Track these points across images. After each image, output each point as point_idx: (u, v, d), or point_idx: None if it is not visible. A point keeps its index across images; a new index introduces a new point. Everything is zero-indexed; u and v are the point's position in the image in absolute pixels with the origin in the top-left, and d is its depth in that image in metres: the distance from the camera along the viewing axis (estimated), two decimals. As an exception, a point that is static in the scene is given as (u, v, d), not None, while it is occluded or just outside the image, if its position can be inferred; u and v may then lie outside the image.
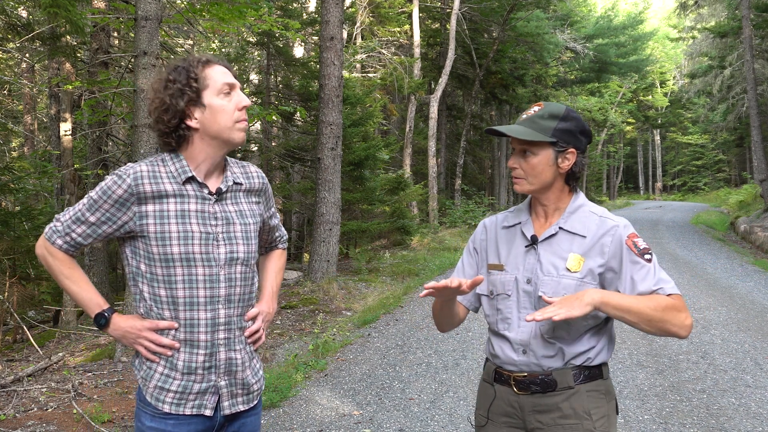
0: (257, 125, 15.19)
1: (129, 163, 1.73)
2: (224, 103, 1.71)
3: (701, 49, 25.15)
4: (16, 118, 17.95)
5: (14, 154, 16.54)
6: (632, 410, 4.23)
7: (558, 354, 1.73)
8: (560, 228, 1.78)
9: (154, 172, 1.69)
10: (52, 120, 12.36)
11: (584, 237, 1.75)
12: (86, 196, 1.72)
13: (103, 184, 1.69)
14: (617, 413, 1.81)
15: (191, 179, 1.71)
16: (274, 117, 9.75)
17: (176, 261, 1.67)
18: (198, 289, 1.69)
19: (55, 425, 3.94)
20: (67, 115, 8.82)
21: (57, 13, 5.60)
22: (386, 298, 8.41)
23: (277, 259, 2.06)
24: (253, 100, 14.26)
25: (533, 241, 1.79)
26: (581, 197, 1.83)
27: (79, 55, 8.99)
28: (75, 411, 4.12)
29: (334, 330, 6.61)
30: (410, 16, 18.87)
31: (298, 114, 11.75)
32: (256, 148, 14.89)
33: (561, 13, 24.05)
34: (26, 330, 5.85)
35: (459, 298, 1.94)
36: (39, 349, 5.67)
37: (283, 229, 2.08)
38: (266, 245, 2.04)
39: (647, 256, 1.72)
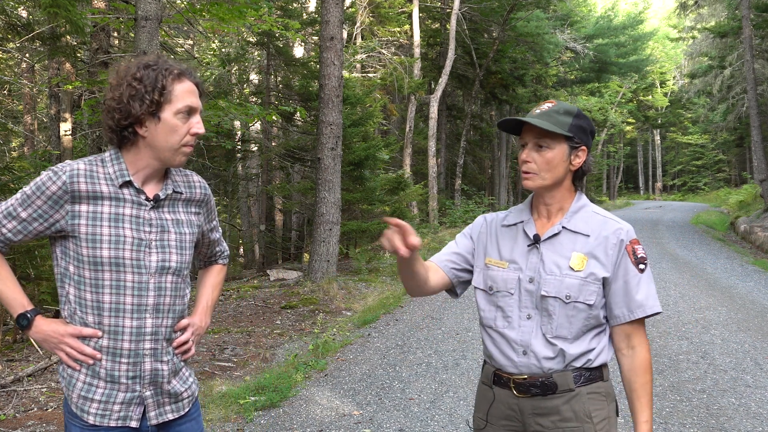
0: (257, 125, 15.19)
1: (67, 161, 1.67)
2: (179, 123, 1.65)
3: (701, 49, 25.15)
4: (16, 118, 17.94)
5: (14, 154, 16.53)
6: (632, 410, 4.22)
7: (559, 355, 1.72)
8: (563, 227, 1.77)
9: (91, 172, 1.64)
10: (52, 120, 12.35)
11: (588, 236, 1.75)
12: (20, 191, 1.66)
13: (38, 179, 1.62)
14: (618, 415, 1.81)
15: (128, 183, 1.66)
16: (274, 117, 9.76)
17: (105, 265, 1.62)
18: (125, 295, 1.63)
19: (55, 425, 3.94)
20: (67, 115, 8.83)
21: (57, 13, 5.60)
22: (386, 298, 8.41)
23: (216, 274, 2.01)
24: (253, 100, 14.27)
25: (536, 241, 1.79)
26: (584, 198, 1.83)
27: (79, 55, 9.00)
28: (75, 411, 4.11)
29: (334, 330, 6.61)
30: (410, 16, 18.87)
31: (298, 114, 11.76)
32: (256, 148, 14.90)
33: (561, 13, 24.05)
34: (26, 330, 5.84)
35: (441, 264, 1.92)
36: (39, 349, 5.67)
37: (224, 244, 2.02)
38: (206, 259, 1.99)
39: (641, 266, 1.73)
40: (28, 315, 1.67)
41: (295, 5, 14.38)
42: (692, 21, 26.15)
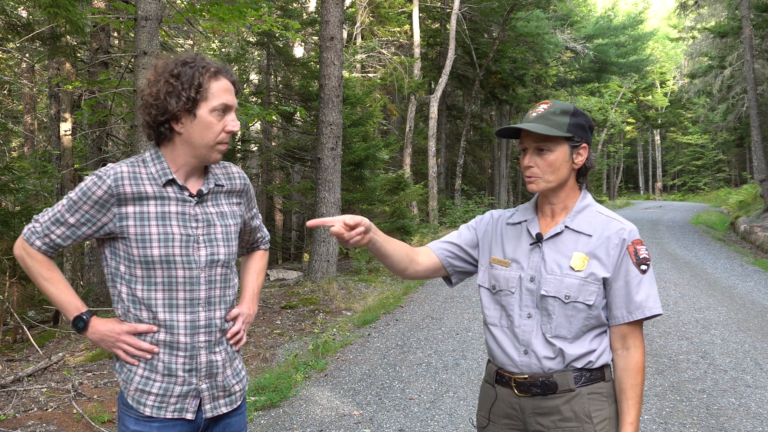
0: (257, 125, 15.18)
1: (109, 164, 1.71)
2: (214, 121, 1.67)
3: (701, 49, 25.15)
4: (16, 118, 17.95)
5: (14, 154, 16.53)
6: (632, 410, 4.22)
7: (558, 355, 1.72)
8: (566, 227, 1.77)
9: (134, 174, 1.67)
10: (52, 120, 12.35)
11: (590, 236, 1.74)
12: (65, 196, 1.68)
13: (82, 184, 1.65)
14: None
15: (171, 181, 1.69)
16: (274, 117, 9.76)
17: (156, 263, 1.65)
18: (178, 291, 1.67)
19: (55, 425, 3.94)
20: (67, 115, 8.82)
21: (57, 13, 5.60)
22: (386, 298, 8.41)
23: (258, 259, 2.04)
24: (253, 100, 14.27)
25: (538, 239, 1.79)
26: (588, 197, 1.82)
27: (79, 55, 9.00)
28: (75, 411, 4.12)
29: (334, 330, 6.61)
30: (410, 16, 18.87)
31: (298, 114, 11.75)
32: (256, 148, 14.90)
33: (561, 13, 24.06)
34: (26, 330, 5.84)
35: (436, 250, 1.90)
36: (39, 349, 5.67)
37: (265, 230, 2.05)
38: (248, 246, 2.01)
39: (643, 267, 1.71)
40: (84, 317, 1.70)
41: (295, 5, 14.37)
42: (692, 21, 26.14)
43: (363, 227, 1.61)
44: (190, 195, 1.71)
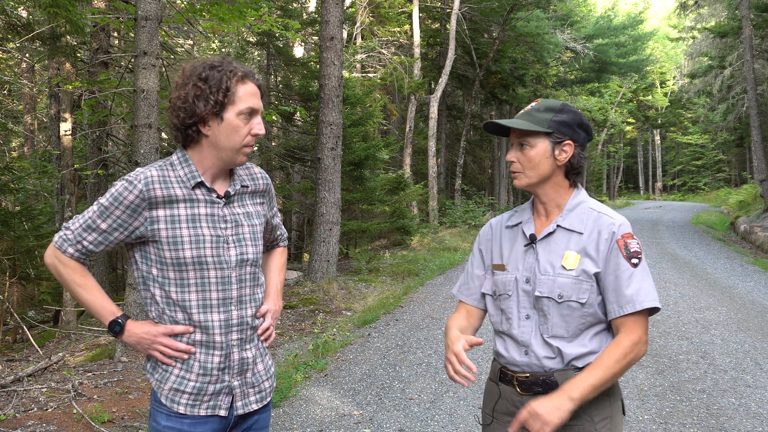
0: (257, 125, 15.14)
1: (138, 168, 1.73)
2: (241, 124, 1.69)
3: (701, 49, 25.15)
4: (16, 118, 17.95)
5: (14, 154, 16.53)
6: (632, 410, 4.23)
7: (558, 355, 1.73)
8: (558, 226, 1.78)
9: (164, 177, 1.69)
10: (52, 120, 12.36)
11: (581, 234, 1.75)
12: (96, 202, 1.70)
13: (113, 190, 1.68)
14: (624, 414, 1.80)
15: (200, 184, 1.72)
16: (274, 117, 9.76)
17: (189, 265, 1.68)
18: (210, 291, 1.70)
19: (55, 425, 3.94)
20: (67, 115, 8.82)
21: (57, 13, 5.60)
22: (386, 298, 8.41)
23: (279, 256, 2.08)
24: (253, 100, 14.25)
25: (532, 240, 1.80)
26: (582, 194, 1.82)
27: (79, 55, 8.99)
28: (75, 411, 4.12)
29: (334, 330, 6.61)
30: (410, 16, 18.87)
31: (298, 114, 11.76)
32: (256, 148, 14.89)
33: (561, 13, 24.06)
34: (26, 330, 5.85)
35: (466, 300, 1.96)
36: (39, 349, 5.67)
37: (283, 227, 2.10)
38: (268, 244, 2.05)
39: (635, 260, 1.70)
40: (120, 321, 1.72)
41: (295, 5, 14.37)
42: (692, 21, 26.15)
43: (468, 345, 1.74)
44: (218, 197, 1.75)
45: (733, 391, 4.58)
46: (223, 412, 1.73)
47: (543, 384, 1.74)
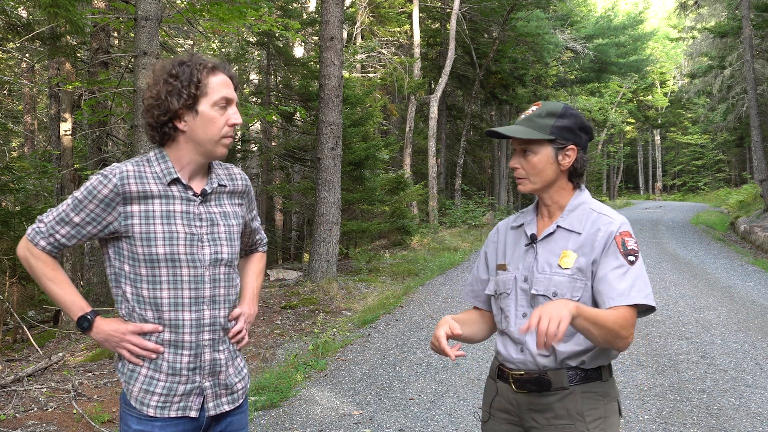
0: (257, 125, 15.19)
1: (114, 163, 1.72)
2: (216, 115, 1.69)
3: (701, 49, 25.15)
4: (16, 118, 17.95)
5: (14, 154, 16.53)
6: (632, 410, 4.23)
7: (552, 354, 1.74)
8: (558, 226, 1.79)
9: (139, 173, 1.68)
10: (52, 120, 12.35)
11: (579, 234, 1.75)
12: (70, 196, 1.69)
13: (88, 183, 1.66)
14: (620, 415, 1.80)
15: (176, 181, 1.71)
16: (274, 117, 9.76)
17: (161, 261, 1.66)
18: (183, 289, 1.68)
19: (55, 425, 3.94)
20: (67, 115, 8.82)
21: (57, 13, 5.60)
22: (386, 298, 8.40)
23: (257, 261, 2.06)
24: (253, 100, 14.27)
25: (532, 240, 1.81)
26: (584, 195, 1.83)
27: (79, 55, 9.00)
28: (75, 411, 4.12)
29: (334, 330, 6.61)
30: (410, 16, 18.87)
31: (298, 114, 11.76)
32: (256, 148, 14.90)
33: (561, 13, 24.06)
34: (26, 330, 5.85)
35: (473, 302, 2.00)
36: (39, 349, 5.67)
37: (263, 232, 2.07)
38: (247, 248, 2.03)
39: (631, 258, 1.69)
40: (89, 317, 1.70)
41: (295, 5, 14.38)
42: (692, 21, 26.15)
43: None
44: (194, 194, 1.73)
45: (733, 391, 4.58)
46: (193, 414, 1.71)
47: (536, 382, 1.75)
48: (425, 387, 4.77)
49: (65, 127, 8.80)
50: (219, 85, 1.70)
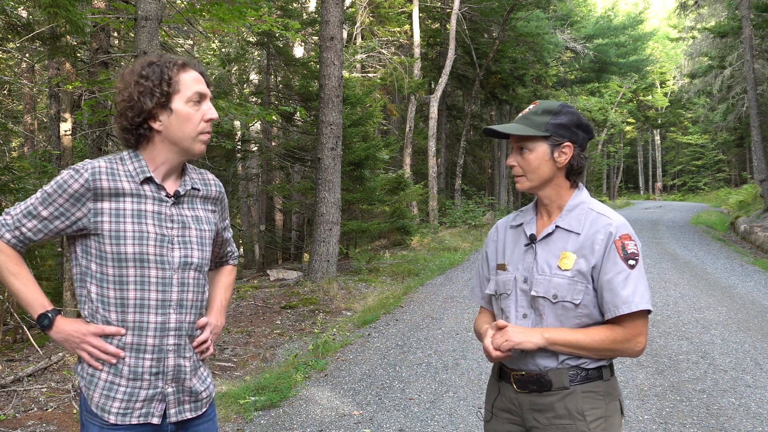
0: (257, 125, 15.19)
1: (86, 159, 1.68)
2: (191, 111, 1.68)
3: (701, 49, 25.16)
4: (16, 118, 17.94)
5: (14, 154, 16.52)
6: (632, 410, 4.23)
7: (552, 354, 1.74)
8: (557, 226, 1.79)
9: (112, 170, 1.65)
10: (52, 120, 12.35)
11: (579, 234, 1.75)
12: (40, 189, 1.66)
13: (58, 177, 1.63)
14: (622, 414, 1.80)
15: (149, 180, 1.68)
16: (274, 117, 9.75)
17: (129, 261, 1.62)
18: (150, 291, 1.64)
19: (55, 425, 3.94)
20: (67, 115, 8.82)
21: (57, 13, 5.60)
22: (386, 298, 8.41)
23: (227, 274, 2.03)
24: (253, 100, 14.27)
25: (532, 240, 1.81)
26: (583, 194, 1.83)
27: (79, 55, 8.99)
28: (75, 411, 4.12)
29: (334, 330, 6.61)
30: (410, 16, 18.87)
31: (298, 114, 11.75)
32: (256, 148, 14.90)
33: (561, 13, 24.06)
34: (26, 330, 5.85)
35: (480, 302, 2.01)
36: (39, 349, 5.67)
37: (234, 245, 2.05)
38: (217, 259, 2.00)
39: (631, 262, 1.70)
40: (49, 315, 1.66)
41: (295, 5, 14.37)
42: (692, 21, 26.15)
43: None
44: (167, 195, 1.70)
45: (733, 391, 4.58)
46: (156, 420, 1.66)
47: (537, 382, 1.75)
48: (425, 387, 4.77)
49: (65, 127, 8.79)
50: (191, 81, 1.69)
